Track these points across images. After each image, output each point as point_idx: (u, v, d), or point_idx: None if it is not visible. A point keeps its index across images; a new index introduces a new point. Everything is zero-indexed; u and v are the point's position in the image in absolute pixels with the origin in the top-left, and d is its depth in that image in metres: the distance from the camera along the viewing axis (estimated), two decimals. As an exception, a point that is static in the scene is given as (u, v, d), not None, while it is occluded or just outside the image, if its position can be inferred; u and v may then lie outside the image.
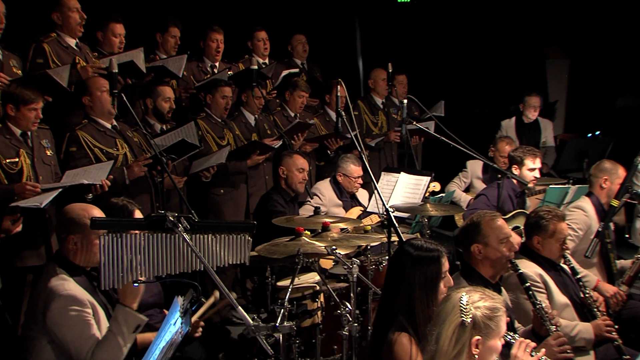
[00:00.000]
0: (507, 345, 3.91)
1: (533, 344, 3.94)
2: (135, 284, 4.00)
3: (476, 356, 3.31)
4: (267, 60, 9.34)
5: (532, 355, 3.78)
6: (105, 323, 4.26)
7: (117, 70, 6.29)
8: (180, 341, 3.31)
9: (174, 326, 3.37)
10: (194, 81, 8.42)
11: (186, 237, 3.94)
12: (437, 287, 3.96)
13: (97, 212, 4.40)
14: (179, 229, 3.94)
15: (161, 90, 7.38)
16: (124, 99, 6.27)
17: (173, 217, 3.96)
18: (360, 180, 7.58)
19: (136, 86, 7.58)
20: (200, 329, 4.85)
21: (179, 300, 3.51)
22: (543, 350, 3.95)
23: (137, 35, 7.74)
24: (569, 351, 4.61)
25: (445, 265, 4.03)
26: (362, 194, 7.84)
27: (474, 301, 3.33)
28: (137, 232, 3.94)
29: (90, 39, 7.51)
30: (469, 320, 3.27)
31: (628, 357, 5.05)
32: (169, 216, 3.95)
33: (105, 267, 3.86)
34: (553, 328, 4.71)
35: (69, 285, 4.20)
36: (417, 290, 3.90)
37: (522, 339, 3.91)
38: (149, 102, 7.39)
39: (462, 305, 3.30)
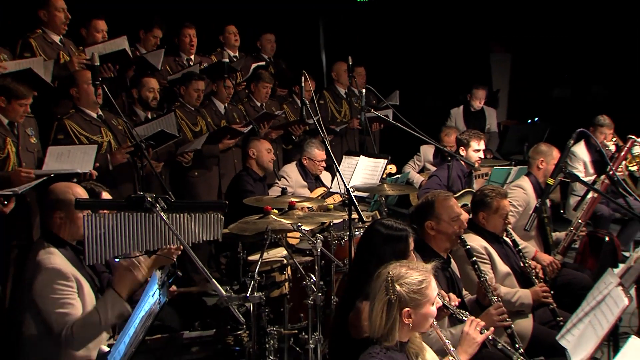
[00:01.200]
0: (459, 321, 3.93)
1: (483, 323, 3.96)
2: (117, 260, 3.97)
3: (410, 325, 3.30)
4: (237, 53, 9.34)
5: (481, 333, 3.82)
6: (90, 295, 4.22)
7: (98, 63, 6.29)
8: (158, 311, 3.26)
9: (152, 297, 3.34)
10: (171, 73, 8.40)
11: (163, 216, 3.92)
12: None
13: (80, 190, 4.38)
14: (157, 209, 3.92)
15: (146, 81, 7.40)
16: (106, 90, 6.26)
17: (151, 197, 3.94)
18: (323, 164, 7.57)
19: (121, 78, 7.59)
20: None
21: (157, 274, 3.48)
22: (492, 328, 3.97)
23: (120, 31, 7.63)
24: (508, 319, 4.62)
25: (412, 244, 4.02)
26: (325, 176, 7.82)
27: (399, 278, 3.31)
28: (117, 211, 3.90)
29: (74, 35, 7.47)
30: (394, 297, 3.26)
31: (561, 318, 5.10)
32: (147, 197, 3.92)
33: (89, 244, 3.83)
34: (495, 299, 4.73)
35: (55, 259, 4.15)
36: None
37: (473, 317, 3.94)
38: (134, 92, 7.41)
39: (387, 284, 3.29)
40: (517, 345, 4.54)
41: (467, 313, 3.97)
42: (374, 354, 3.25)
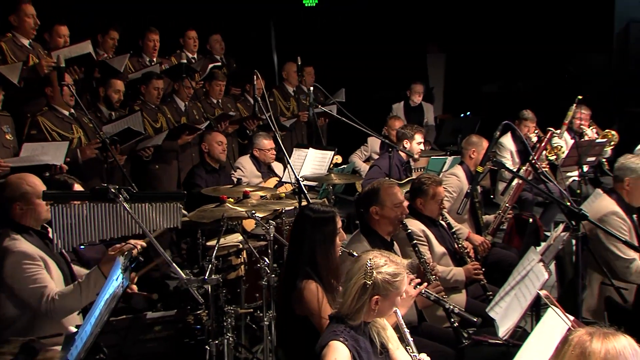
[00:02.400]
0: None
1: (417, 280, 4.02)
2: (82, 247, 3.95)
3: (375, 311, 3.31)
4: (195, 56, 9.35)
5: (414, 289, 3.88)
6: (57, 273, 4.22)
7: (64, 65, 6.25)
8: (121, 294, 3.24)
9: (116, 281, 3.30)
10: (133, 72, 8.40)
11: (126, 206, 3.92)
12: (334, 241, 3.98)
13: (33, 179, 4.33)
14: (120, 199, 3.91)
15: (113, 82, 7.37)
16: (71, 90, 6.21)
17: (114, 189, 3.94)
18: (273, 152, 7.55)
19: (86, 79, 7.56)
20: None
21: (120, 259, 3.45)
22: (425, 284, 4.02)
23: (82, 36, 7.57)
24: (444, 296, 4.68)
25: (339, 223, 4.04)
26: (277, 167, 7.82)
27: (378, 266, 3.30)
28: (82, 202, 3.89)
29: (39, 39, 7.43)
30: (370, 282, 3.26)
31: (490, 293, 5.17)
32: (110, 188, 3.92)
33: (57, 233, 3.84)
34: (433, 278, 4.81)
35: (20, 244, 4.12)
36: (318, 246, 3.91)
37: (410, 274, 3.97)
38: (100, 91, 7.36)
39: (367, 268, 3.28)
40: (452, 320, 4.58)
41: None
42: (338, 331, 3.24)
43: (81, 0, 9.02)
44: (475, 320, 4.35)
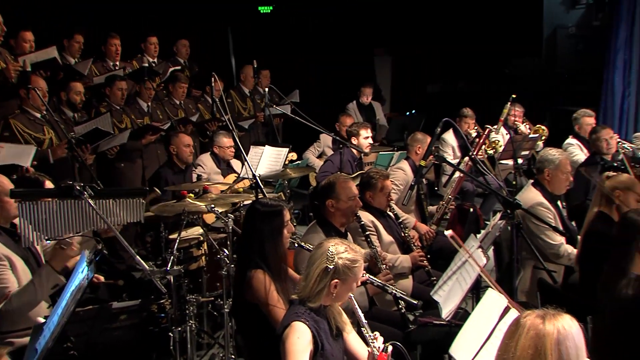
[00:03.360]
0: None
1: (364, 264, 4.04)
2: (48, 241, 3.88)
3: (334, 295, 3.31)
4: (156, 60, 9.28)
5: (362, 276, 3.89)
6: (24, 272, 4.13)
7: (30, 69, 6.16)
8: (86, 285, 3.20)
9: (81, 274, 3.26)
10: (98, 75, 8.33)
11: (91, 202, 3.88)
12: (282, 233, 3.96)
13: (0, 178, 4.23)
14: (85, 196, 3.86)
15: (73, 85, 7.25)
16: (38, 93, 6.14)
17: (79, 186, 3.89)
18: (231, 149, 7.47)
19: (52, 83, 7.35)
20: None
21: (86, 253, 3.40)
22: (367, 276, 4.02)
23: (47, 40, 7.49)
24: (393, 283, 4.70)
25: (287, 215, 4.03)
26: (236, 164, 7.76)
27: (339, 252, 3.31)
28: (49, 199, 3.82)
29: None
30: (331, 266, 3.26)
31: (434, 278, 5.17)
32: (75, 185, 3.86)
33: (24, 229, 3.78)
34: (383, 267, 4.83)
35: None
36: (266, 238, 3.89)
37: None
38: (62, 95, 7.22)
39: (329, 253, 3.29)
40: (399, 306, 4.60)
41: None
42: (300, 313, 3.24)
43: (45, 7, 8.89)
44: (416, 303, 4.38)
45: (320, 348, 3.20)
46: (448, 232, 3.56)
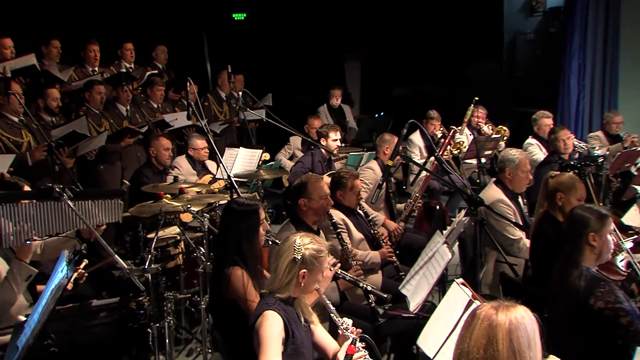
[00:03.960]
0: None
1: (334, 260, 4.03)
2: (28, 242, 3.83)
3: (302, 285, 3.34)
4: (132, 65, 9.21)
5: (330, 270, 3.89)
6: (4, 269, 4.08)
7: (10, 75, 6.08)
8: (66, 284, 3.16)
9: (61, 273, 3.22)
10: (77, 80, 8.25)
11: (70, 203, 3.83)
12: (258, 231, 3.95)
13: None
14: (64, 197, 3.81)
15: (50, 92, 7.18)
16: (18, 98, 6.07)
17: (59, 188, 3.85)
18: (206, 150, 7.40)
19: (30, 88, 7.33)
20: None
21: (65, 253, 3.36)
22: (338, 264, 4.02)
23: (25, 47, 7.42)
24: (363, 278, 4.70)
25: (262, 214, 4.03)
26: (212, 165, 7.71)
27: (305, 243, 3.36)
28: (29, 201, 3.77)
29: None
30: (299, 257, 3.30)
31: (403, 273, 5.20)
32: (55, 187, 3.81)
33: (4, 230, 3.71)
34: (354, 263, 4.85)
35: None
36: (243, 236, 3.89)
37: (331, 257, 3.99)
38: (40, 102, 7.15)
39: (295, 245, 3.33)
40: (369, 300, 4.60)
41: None
42: (270, 303, 3.25)
43: (22, 14, 8.81)
44: (385, 296, 4.37)
45: (291, 335, 3.23)
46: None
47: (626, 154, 7.59)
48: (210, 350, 5.02)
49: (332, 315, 3.47)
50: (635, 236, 4.40)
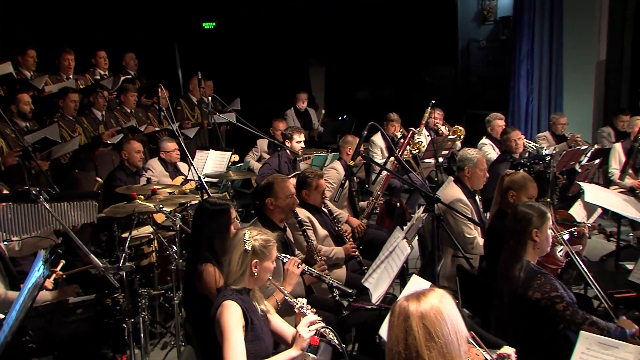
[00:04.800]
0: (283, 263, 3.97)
1: (299, 260, 4.02)
2: (5, 242, 3.77)
3: (255, 274, 3.35)
4: (106, 72, 9.10)
5: (297, 268, 3.90)
6: None
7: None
8: (42, 282, 3.12)
9: (38, 272, 3.17)
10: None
11: (47, 205, 3.77)
12: (229, 229, 3.96)
13: None
14: (41, 200, 3.76)
15: (20, 97, 7.02)
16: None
17: (35, 190, 3.80)
18: (177, 152, 7.32)
19: (6, 96, 7.27)
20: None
21: (42, 253, 3.31)
22: (303, 265, 4.02)
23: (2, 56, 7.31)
24: (327, 273, 4.72)
25: (233, 213, 4.02)
26: (183, 167, 7.65)
27: (253, 235, 3.37)
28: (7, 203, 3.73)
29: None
30: (249, 248, 3.32)
31: (365, 267, 5.18)
32: (31, 190, 3.76)
33: (-17, 232, 3.66)
34: (319, 259, 4.83)
35: None
36: (215, 234, 3.88)
37: (293, 257, 3.99)
38: (13, 108, 7.00)
39: (245, 238, 3.34)
40: (334, 294, 4.59)
41: (288, 255, 4.02)
42: (228, 294, 3.26)
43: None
44: (350, 292, 4.37)
45: (250, 322, 3.23)
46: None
47: (571, 152, 7.69)
48: (183, 343, 4.99)
49: (286, 297, 3.53)
50: (572, 228, 4.48)
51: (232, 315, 3.17)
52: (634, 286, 4.52)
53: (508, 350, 2.98)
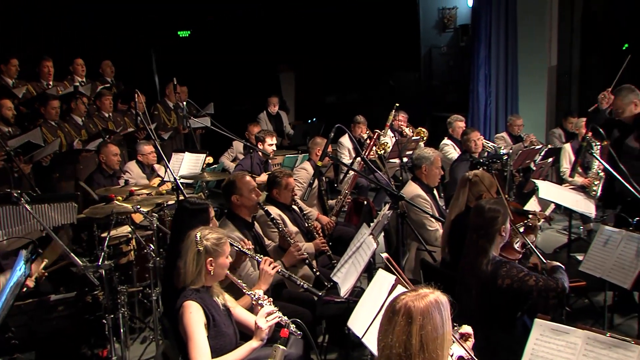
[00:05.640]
0: (257, 262, 3.97)
1: (275, 263, 4.01)
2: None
3: (212, 272, 3.34)
4: (84, 79, 9.00)
5: (272, 268, 3.88)
6: None
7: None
8: (24, 281, 3.09)
9: (19, 271, 3.13)
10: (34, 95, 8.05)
11: (28, 207, 3.72)
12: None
13: None
14: (22, 202, 3.71)
15: (3, 103, 7.01)
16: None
17: (17, 193, 3.76)
18: (153, 155, 7.25)
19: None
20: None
21: (23, 252, 3.27)
22: (279, 265, 4.02)
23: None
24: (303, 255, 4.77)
25: (212, 213, 4.00)
26: (160, 169, 7.60)
27: (205, 235, 3.35)
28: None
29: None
30: (202, 248, 3.30)
31: (335, 260, 5.19)
32: (13, 193, 3.71)
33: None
34: (292, 241, 4.81)
35: None
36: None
37: (266, 257, 3.98)
38: (-6, 113, 6.96)
39: (197, 239, 3.32)
40: (303, 284, 4.60)
41: (262, 256, 4.01)
42: (187, 295, 3.25)
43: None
44: (320, 294, 4.37)
45: (212, 319, 3.22)
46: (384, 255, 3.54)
47: (526, 152, 7.80)
48: (161, 338, 4.96)
49: (243, 290, 3.51)
50: (526, 220, 4.56)
51: (192, 315, 3.15)
52: (584, 276, 4.63)
53: (468, 329, 3.02)
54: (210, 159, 7.61)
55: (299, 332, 3.34)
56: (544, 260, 4.07)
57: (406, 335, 2.13)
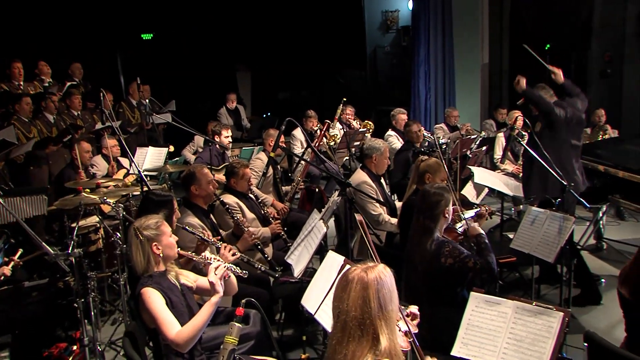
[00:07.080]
0: (217, 248, 3.96)
1: (234, 250, 4.01)
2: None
3: (161, 255, 3.25)
4: (51, 80, 8.80)
5: (233, 256, 3.87)
6: None
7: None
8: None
9: (-7, 261, 3.08)
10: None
11: (0, 200, 3.64)
12: (172, 218, 3.94)
13: None
14: (-5, 196, 3.64)
15: None
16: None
17: (-10, 188, 3.66)
18: (117, 147, 7.13)
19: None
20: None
21: (-4, 243, 3.22)
22: (238, 254, 4.02)
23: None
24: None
25: (175, 204, 3.97)
26: (125, 162, 7.49)
27: (142, 224, 3.25)
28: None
29: None
30: (142, 238, 3.21)
31: (290, 243, 5.19)
32: (-14, 188, 3.63)
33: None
34: (246, 229, 4.79)
35: None
36: None
37: (225, 244, 3.96)
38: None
39: (135, 232, 3.23)
40: (259, 265, 4.62)
41: (222, 243, 4.00)
42: (144, 282, 3.15)
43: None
44: (277, 275, 4.41)
45: (169, 301, 3.13)
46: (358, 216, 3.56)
47: (463, 141, 7.92)
48: (128, 319, 4.93)
49: (193, 259, 3.43)
50: (477, 209, 4.69)
51: (152, 299, 3.07)
52: (514, 252, 4.77)
53: (414, 309, 3.08)
54: (171, 148, 7.54)
55: (244, 272, 3.35)
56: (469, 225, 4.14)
57: (362, 300, 2.16)
